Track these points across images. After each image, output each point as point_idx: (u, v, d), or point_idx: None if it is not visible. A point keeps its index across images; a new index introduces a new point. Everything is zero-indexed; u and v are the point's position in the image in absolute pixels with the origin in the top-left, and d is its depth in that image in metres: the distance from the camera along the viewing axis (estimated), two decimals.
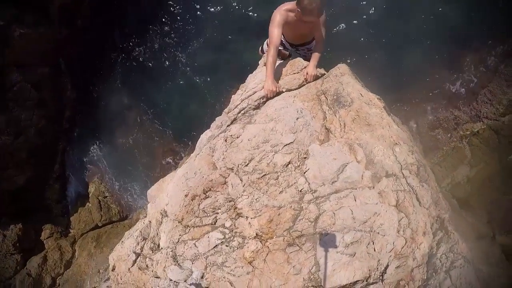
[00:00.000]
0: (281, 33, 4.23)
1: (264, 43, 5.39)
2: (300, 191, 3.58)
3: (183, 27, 8.77)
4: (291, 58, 5.03)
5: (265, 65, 4.38)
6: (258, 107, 4.42)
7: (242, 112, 4.43)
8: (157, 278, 3.76)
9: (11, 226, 7.71)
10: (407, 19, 7.61)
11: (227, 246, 3.59)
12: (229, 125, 4.39)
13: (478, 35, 7.23)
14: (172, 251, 3.82)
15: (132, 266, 4.00)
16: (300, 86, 4.50)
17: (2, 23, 7.07)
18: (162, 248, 4.00)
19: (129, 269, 3.99)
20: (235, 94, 4.73)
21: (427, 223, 3.44)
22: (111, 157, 9.06)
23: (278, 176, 3.71)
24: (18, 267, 7.61)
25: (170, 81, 8.74)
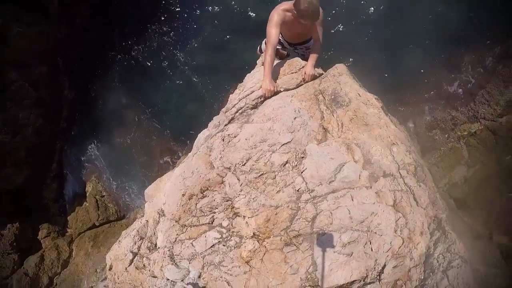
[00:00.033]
0: (278, 32, 4.23)
1: (263, 42, 5.39)
2: (298, 190, 3.58)
3: (181, 26, 8.76)
4: (289, 58, 5.04)
5: (263, 64, 4.38)
6: (255, 107, 4.42)
7: (240, 111, 4.43)
8: (154, 277, 3.75)
9: (8, 225, 7.66)
10: (405, 19, 7.62)
11: (224, 245, 3.59)
12: (226, 124, 4.39)
13: (476, 36, 7.24)
14: (169, 250, 3.81)
15: (129, 266, 3.99)
16: (298, 85, 4.50)
17: (1, 22, 7.04)
18: (159, 247, 3.99)
19: (126, 268, 3.98)
20: (233, 94, 4.73)
21: (425, 223, 3.44)
22: (108, 156, 9.05)
23: (276, 175, 3.71)
24: (15, 267, 7.57)
25: (168, 80, 8.73)
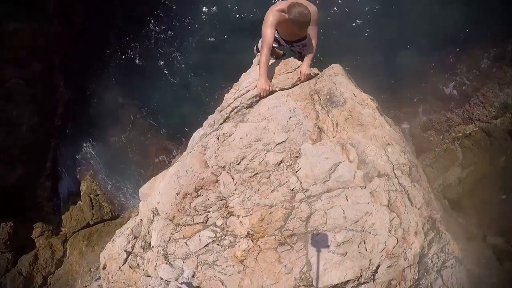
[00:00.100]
0: (274, 33, 4.24)
1: (259, 41, 5.39)
2: (292, 190, 3.58)
3: (178, 26, 8.75)
4: (285, 58, 5.04)
5: (258, 64, 4.37)
6: (251, 106, 4.41)
7: (235, 110, 4.42)
8: (148, 277, 3.74)
9: (2, 224, 7.63)
10: (401, 21, 7.64)
11: (218, 244, 3.58)
12: (221, 123, 4.38)
13: (471, 38, 7.28)
14: (163, 249, 3.80)
15: (123, 265, 3.97)
16: (294, 85, 4.50)
17: None
18: (153, 246, 3.98)
19: (120, 267, 3.97)
20: (228, 93, 4.73)
21: (419, 223, 3.44)
22: (103, 155, 9.02)
23: (270, 175, 3.70)
24: (9, 266, 7.53)
25: (164, 79, 8.72)
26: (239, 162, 3.84)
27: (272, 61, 4.76)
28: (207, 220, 3.75)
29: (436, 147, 7.21)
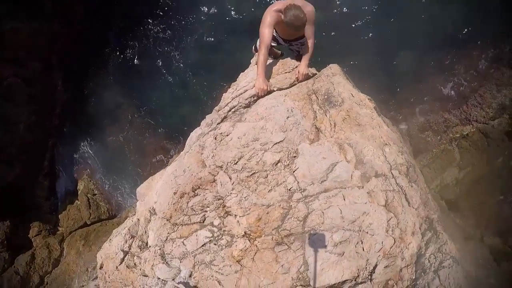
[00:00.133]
0: (271, 33, 4.26)
1: (257, 41, 5.39)
2: (289, 190, 3.58)
3: (176, 25, 8.73)
4: (283, 57, 5.04)
5: (256, 64, 4.38)
6: (248, 106, 4.41)
7: (233, 110, 4.42)
8: (145, 276, 3.74)
9: None
10: (398, 21, 7.64)
11: (215, 244, 3.57)
12: (219, 123, 4.38)
13: (469, 39, 7.28)
14: (160, 249, 3.79)
15: (120, 264, 3.97)
16: (291, 85, 4.51)
17: None
18: (150, 246, 3.97)
19: (117, 267, 3.97)
20: (226, 92, 4.73)
21: (416, 223, 3.45)
22: (101, 154, 9.00)
23: (267, 174, 3.70)
24: (6, 265, 7.50)
25: (163, 78, 8.70)
26: (237, 162, 3.84)
27: (270, 61, 4.77)
28: (204, 219, 3.75)
29: (434, 147, 7.21)
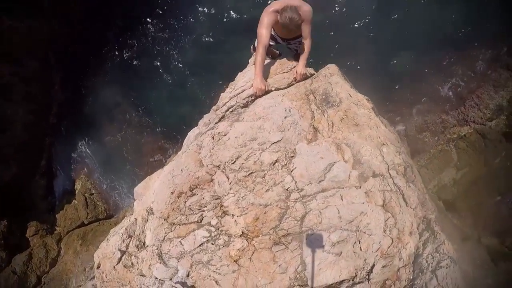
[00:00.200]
0: (269, 33, 4.27)
1: (256, 41, 5.39)
2: (287, 189, 3.57)
3: (175, 25, 8.74)
4: (281, 57, 5.04)
5: (254, 63, 4.37)
6: (246, 105, 4.41)
7: (230, 110, 4.42)
8: (142, 276, 3.72)
9: None
10: (397, 22, 7.66)
11: (212, 244, 3.56)
12: (217, 122, 4.38)
13: (467, 40, 7.31)
14: (157, 249, 3.78)
15: (117, 264, 3.96)
16: (289, 85, 4.51)
17: None
18: (147, 245, 3.96)
19: (114, 267, 3.96)
20: (224, 92, 4.73)
21: (414, 223, 3.45)
22: (98, 154, 8.99)
23: (265, 174, 3.70)
24: (3, 265, 7.47)
25: (161, 78, 8.70)
26: (234, 161, 3.83)
27: (268, 60, 4.77)
28: (202, 219, 3.74)
29: (431, 148, 7.23)
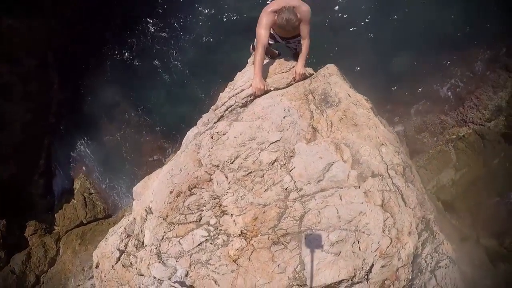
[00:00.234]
0: (268, 33, 4.28)
1: (255, 40, 5.39)
2: (286, 189, 3.57)
3: (174, 25, 8.74)
4: (280, 57, 5.04)
5: (253, 63, 4.37)
6: (245, 105, 4.41)
7: (229, 109, 4.42)
8: (141, 275, 3.71)
9: None
10: (396, 23, 7.66)
11: (211, 243, 3.56)
12: (216, 122, 4.37)
13: (466, 41, 7.32)
14: (156, 248, 3.77)
15: (116, 264, 3.95)
16: (288, 85, 4.51)
17: None
18: (146, 245, 3.95)
19: (113, 266, 3.94)
20: (223, 92, 4.72)
21: (413, 223, 3.45)
22: (97, 153, 8.98)
23: (264, 174, 3.69)
24: (2, 264, 7.47)
25: (160, 77, 8.70)
26: (233, 161, 3.83)
27: (267, 60, 4.77)
28: (201, 219, 3.73)
29: (430, 148, 7.24)
